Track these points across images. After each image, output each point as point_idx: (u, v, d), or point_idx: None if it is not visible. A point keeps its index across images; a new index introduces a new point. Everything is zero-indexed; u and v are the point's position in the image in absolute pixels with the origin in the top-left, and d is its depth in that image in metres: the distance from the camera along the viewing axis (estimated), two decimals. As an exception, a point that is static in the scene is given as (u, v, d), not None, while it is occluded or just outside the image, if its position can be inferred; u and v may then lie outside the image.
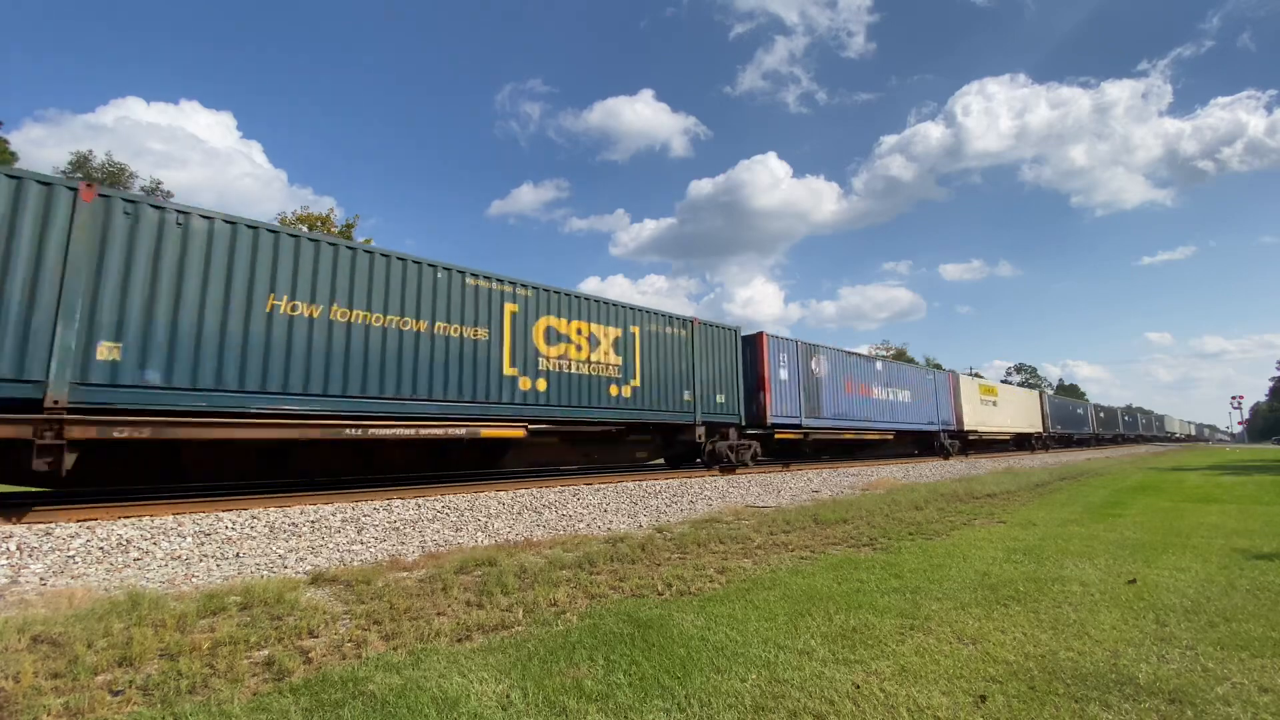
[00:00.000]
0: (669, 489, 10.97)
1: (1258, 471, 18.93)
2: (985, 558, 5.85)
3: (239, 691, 2.89)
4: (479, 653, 3.42)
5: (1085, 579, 5.02)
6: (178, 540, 5.94)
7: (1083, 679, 3.02)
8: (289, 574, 5.40)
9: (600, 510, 9.09)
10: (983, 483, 14.19)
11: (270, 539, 6.32)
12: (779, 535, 7.24)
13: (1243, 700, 2.79)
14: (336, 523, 7.01)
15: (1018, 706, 2.73)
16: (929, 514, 9.01)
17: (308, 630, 3.79)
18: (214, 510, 6.97)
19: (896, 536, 7.09)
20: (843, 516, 8.49)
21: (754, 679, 3.02)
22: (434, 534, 7.17)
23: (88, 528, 5.87)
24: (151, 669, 3.17)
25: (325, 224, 32.32)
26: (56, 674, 3.09)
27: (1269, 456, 31.80)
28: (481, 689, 2.91)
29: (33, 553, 5.29)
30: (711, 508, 9.90)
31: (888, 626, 3.82)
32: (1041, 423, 34.25)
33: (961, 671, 3.11)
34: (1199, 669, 3.15)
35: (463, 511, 8.05)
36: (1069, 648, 3.45)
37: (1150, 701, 2.78)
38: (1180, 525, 7.95)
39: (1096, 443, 46.38)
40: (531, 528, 7.85)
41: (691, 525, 8.15)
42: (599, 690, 2.90)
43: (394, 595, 4.55)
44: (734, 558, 6.00)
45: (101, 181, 26.49)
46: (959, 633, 3.71)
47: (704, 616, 4.02)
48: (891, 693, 2.86)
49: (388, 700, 2.78)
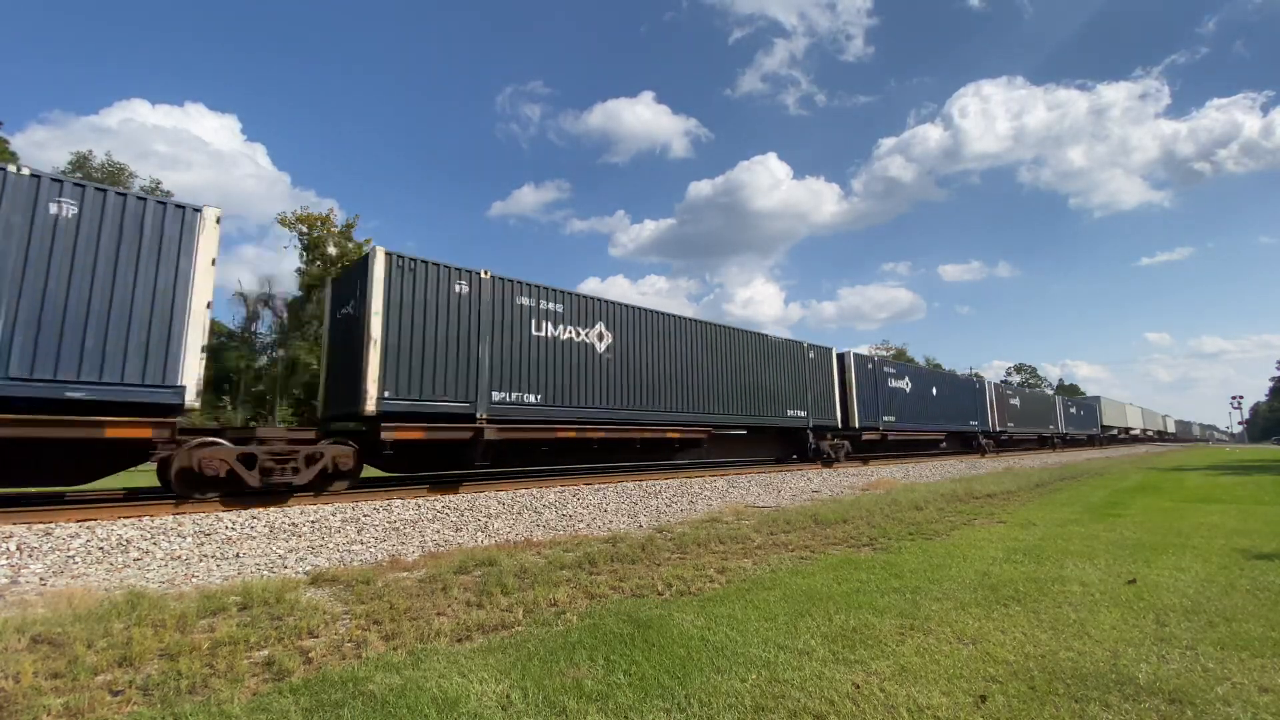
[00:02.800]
0: (669, 489, 10.97)
1: (1258, 471, 18.93)
2: (985, 558, 5.85)
3: (239, 691, 2.89)
4: (479, 653, 3.42)
5: (1085, 579, 5.02)
6: (178, 540, 5.94)
7: (1083, 679, 3.02)
8: (289, 574, 5.40)
9: (600, 510, 9.09)
10: (983, 483, 14.19)
11: (270, 539, 6.32)
12: (779, 535, 7.23)
13: (1243, 700, 2.79)
14: (336, 523, 7.01)
15: (1018, 706, 2.73)
16: (929, 514, 9.01)
17: (308, 630, 3.79)
18: (214, 510, 6.97)
19: (896, 536, 7.08)
20: (843, 516, 8.48)
21: (754, 679, 3.02)
22: (434, 534, 7.17)
23: (88, 528, 5.87)
24: (151, 669, 3.17)
25: (325, 224, 32.26)
26: (56, 674, 3.09)
27: (1269, 456, 31.80)
28: (481, 689, 2.91)
29: (33, 553, 5.29)
30: (711, 507, 9.90)
31: (888, 626, 3.81)
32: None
33: (961, 671, 3.11)
34: (1199, 669, 3.15)
35: (463, 511, 8.05)
36: (1069, 648, 3.45)
37: (1150, 701, 2.78)
38: (1180, 525, 7.94)
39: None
40: (531, 528, 7.84)
41: (691, 525, 8.15)
42: (599, 690, 2.89)
43: (394, 595, 4.55)
44: (734, 558, 6.00)
45: (101, 181, 26.46)
46: (959, 633, 3.71)
47: (704, 616, 4.02)
48: (891, 693, 2.86)
49: (388, 700, 2.78)
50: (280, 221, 31.20)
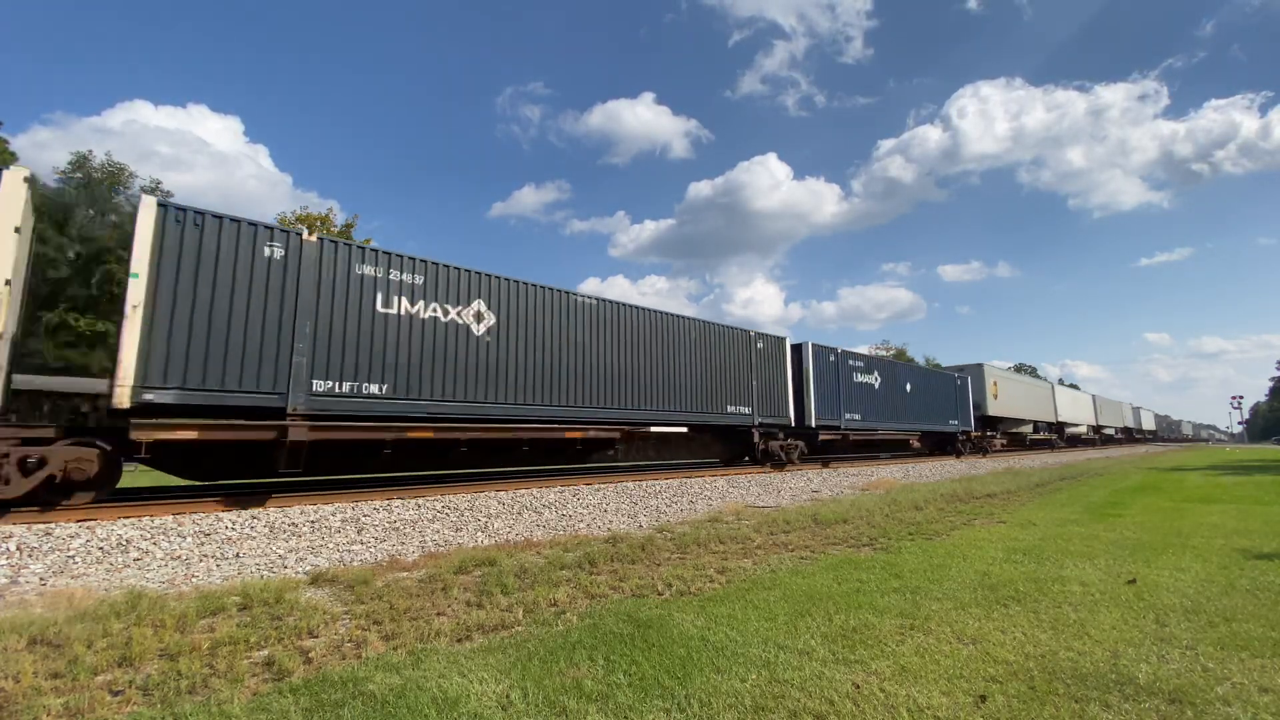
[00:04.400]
0: (669, 489, 10.97)
1: (1258, 471, 18.92)
2: (985, 558, 5.85)
3: (239, 691, 2.89)
4: (479, 653, 3.41)
5: (1085, 579, 5.02)
6: (178, 540, 5.94)
7: (1083, 679, 3.02)
8: (289, 574, 5.39)
9: (600, 510, 9.09)
10: (983, 483, 14.18)
11: (270, 539, 6.32)
12: (779, 535, 7.23)
13: (1243, 700, 2.79)
14: (336, 523, 7.02)
15: (1018, 706, 2.73)
16: (929, 514, 9.00)
17: (307, 630, 3.79)
18: (214, 510, 6.97)
19: (896, 536, 7.08)
20: (843, 516, 8.48)
21: (754, 679, 3.02)
22: (434, 534, 7.17)
23: (88, 528, 5.87)
24: (151, 669, 3.16)
25: (325, 223, 32.32)
26: (56, 674, 3.08)
27: (1269, 456, 31.79)
28: (481, 689, 2.91)
29: (33, 553, 5.29)
30: (712, 507, 9.90)
31: (888, 626, 3.81)
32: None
33: (961, 671, 3.11)
34: (1199, 669, 3.15)
35: (463, 511, 8.05)
36: (1069, 648, 3.45)
37: (1150, 701, 2.78)
38: (1180, 525, 7.94)
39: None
40: (531, 528, 7.84)
41: (691, 525, 8.15)
42: (599, 690, 2.89)
43: (394, 595, 4.55)
44: (734, 558, 6.00)
45: (101, 181, 26.37)
46: (959, 633, 3.71)
47: (704, 616, 4.02)
48: (891, 693, 2.86)
49: (388, 700, 2.78)
50: (280, 222, 31.34)
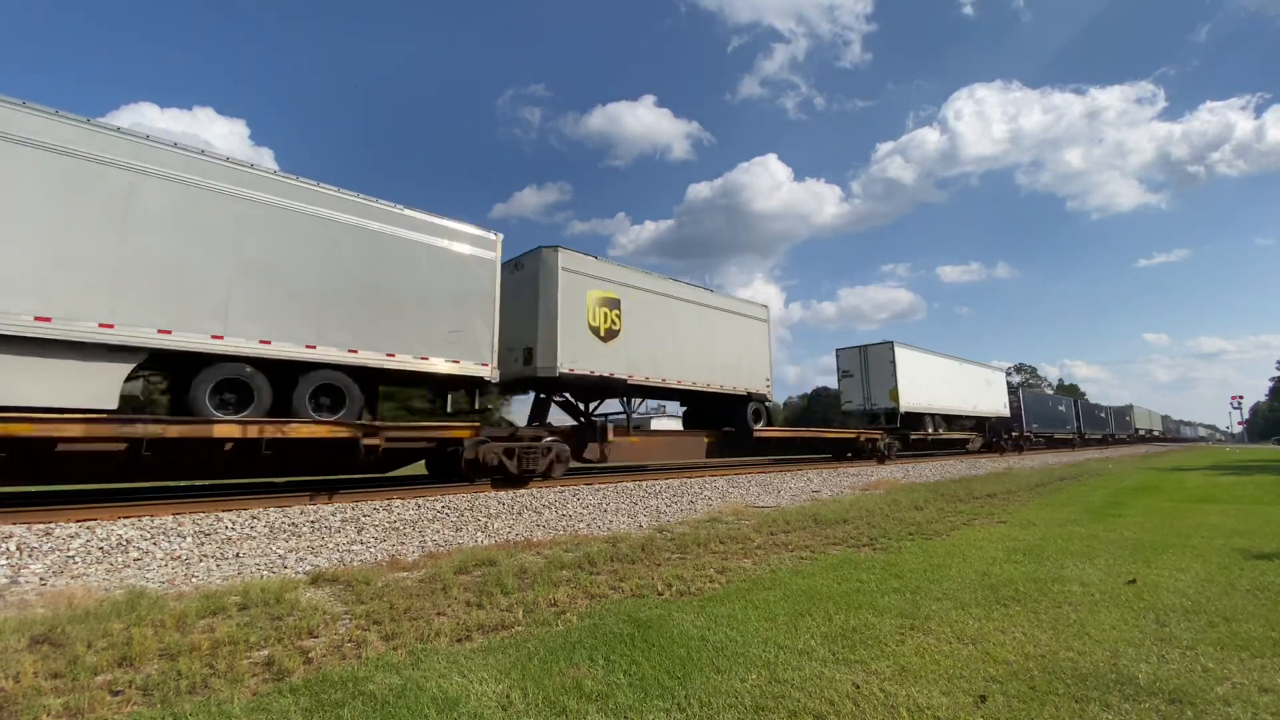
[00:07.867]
0: (669, 489, 10.97)
1: (1258, 471, 18.92)
2: (985, 558, 5.85)
3: (239, 691, 2.89)
4: (479, 653, 3.41)
5: (1085, 579, 5.02)
6: (178, 540, 5.94)
7: (1083, 679, 3.02)
8: (289, 574, 5.39)
9: (600, 510, 9.09)
10: (983, 482, 14.19)
11: (270, 539, 6.32)
12: (779, 535, 7.23)
13: (1243, 700, 2.79)
14: (336, 523, 7.02)
15: (1018, 706, 2.73)
16: (929, 514, 9.00)
17: (308, 630, 3.79)
18: (214, 510, 6.97)
19: (896, 536, 7.08)
20: (843, 516, 8.48)
21: (754, 679, 3.02)
22: (434, 534, 7.17)
23: (87, 528, 5.87)
24: (151, 669, 3.16)
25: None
26: (56, 674, 3.08)
27: (1269, 456, 31.78)
28: (481, 689, 2.91)
29: (33, 553, 5.29)
30: (711, 507, 9.90)
31: (888, 626, 3.81)
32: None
33: (961, 671, 3.11)
34: (1199, 669, 3.14)
35: (463, 511, 8.05)
36: (1069, 648, 3.45)
37: (1150, 701, 2.78)
38: (1180, 525, 7.94)
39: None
40: (531, 528, 7.84)
41: (691, 525, 8.15)
42: (599, 690, 2.89)
43: (394, 595, 4.55)
44: (734, 558, 6.00)
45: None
46: (959, 633, 3.70)
47: (704, 616, 4.02)
48: (891, 693, 2.86)
49: (388, 700, 2.78)
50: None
